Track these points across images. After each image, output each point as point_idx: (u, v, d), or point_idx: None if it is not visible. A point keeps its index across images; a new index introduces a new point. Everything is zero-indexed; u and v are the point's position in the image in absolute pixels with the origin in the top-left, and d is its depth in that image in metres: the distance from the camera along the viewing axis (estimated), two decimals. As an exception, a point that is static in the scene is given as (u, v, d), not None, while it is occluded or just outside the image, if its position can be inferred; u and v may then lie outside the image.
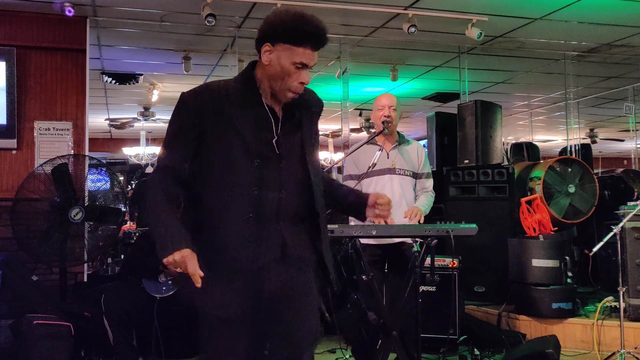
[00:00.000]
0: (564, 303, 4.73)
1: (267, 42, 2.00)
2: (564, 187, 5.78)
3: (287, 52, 1.99)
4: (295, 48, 1.99)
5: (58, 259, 4.73)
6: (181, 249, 1.91)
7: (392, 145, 3.83)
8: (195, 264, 1.90)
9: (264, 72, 2.04)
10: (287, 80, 2.02)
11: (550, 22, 5.86)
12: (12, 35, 5.29)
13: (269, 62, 2.01)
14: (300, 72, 2.02)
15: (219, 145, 2.01)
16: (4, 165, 5.23)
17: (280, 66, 2.00)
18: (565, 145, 8.13)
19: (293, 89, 2.04)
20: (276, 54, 2.00)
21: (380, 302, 3.32)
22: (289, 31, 1.98)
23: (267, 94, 2.07)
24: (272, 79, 2.03)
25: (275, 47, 2.00)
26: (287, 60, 1.99)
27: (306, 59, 2.01)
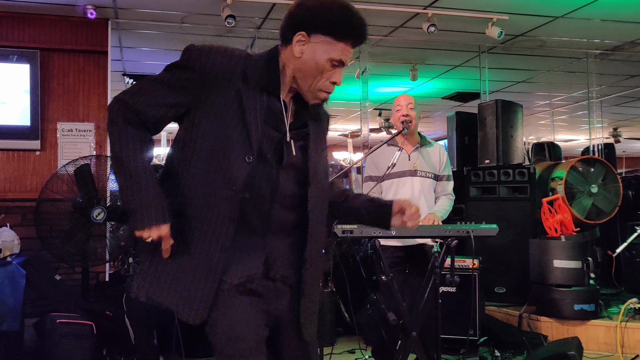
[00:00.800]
0: (587, 304, 4.68)
1: (302, 31, 1.71)
2: (586, 187, 5.71)
3: (325, 46, 1.72)
4: (336, 42, 1.72)
5: (80, 258, 4.79)
6: (160, 224, 1.68)
7: (414, 146, 3.82)
8: (170, 241, 1.70)
9: (292, 64, 1.76)
10: (319, 78, 1.75)
11: (571, 21, 5.79)
12: (36, 38, 5.36)
13: (301, 54, 1.73)
14: (335, 71, 1.76)
15: (217, 125, 1.72)
16: (28, 166, 5.31)
17: (314, 61, 1.73)
18: (588, 144, 8.03)
19: (325, 89, 1.78)
20: (312, 46, 1.72)
21: (399, 302, 3.31)
22: (333, 22, 1.71)
23: (286, 88, 1.80)
24: (301, 74, 1.76)
25: (311, 37, 1.72)
26: (324, 55, 1.72)
27: (345, 55, 1.75)
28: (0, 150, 5.24)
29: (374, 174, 3.82)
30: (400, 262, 3.70)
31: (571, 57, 7.08)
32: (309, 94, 1.79)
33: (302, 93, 1.80)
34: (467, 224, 3.30)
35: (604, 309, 4.88)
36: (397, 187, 3.76)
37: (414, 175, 3.76)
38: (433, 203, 3.82)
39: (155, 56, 7.02)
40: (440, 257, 3.30)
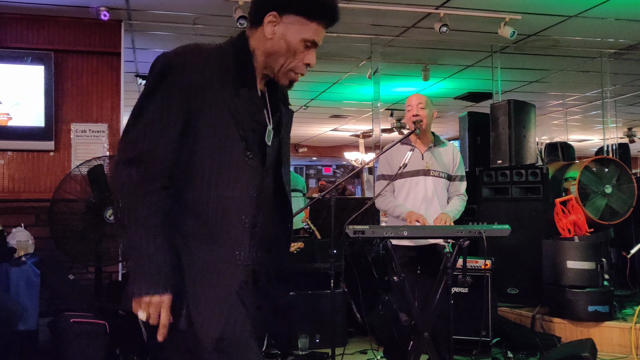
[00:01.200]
0: (601, 306, 4.64)
1: (273, 11, 1.66)
2: (600, 188, 5.67)
3: (298, 27, 1.67)
4: (309, 22, 1.68)
5: (93, 258, 4.83)
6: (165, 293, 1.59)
7: (427, 146, 3.81)
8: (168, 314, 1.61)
9: (262, 46, 1.70)
10: (292, 59, 1.70)
11: (585, 20, 5.75)
12: (50, 40, 5.41)
13: (272, 35, 1.68)
14: (308, 52, 1.71)
15: (213, 133, 1.65)
16: (42, 167, 5.36)
17: (286, 42, 1.68)
18: (602, 144, 7.97)
19: (297, 70, 1.73)
20: (283, 26, 1.67)
21: (411, 303, 3.30)
22: (306, 2, 1.67)
23: (260, 75, 1.75)
24: (272, 56, 1.70)
25: (282, 18, 1.67)
26: (297, 35, 1.68)
27: (318, 36, 1.70)
28: (15, 151, 5.29)
29: (387, 173, 3.81)
30: (412, 263, 3.69)
31: (585, 56, 7.03)
32: (280, 75, 1.74)
33: (274, 74, 1.74)
34: (480, 225, 3.29)
35: (618, 310, 4.84)
36: (409, 187, 3.75)
37: (427, 174, 3.75)
38: (446, 203, 3.80)
39: (168, 57, 7.04)
40: (453, 258, 3.29)
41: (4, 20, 5.31)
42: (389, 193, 3.77)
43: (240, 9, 5.09)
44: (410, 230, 3.29)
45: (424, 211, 3.68)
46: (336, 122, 12.29)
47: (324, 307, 4.80)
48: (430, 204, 3.71)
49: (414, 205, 3.70)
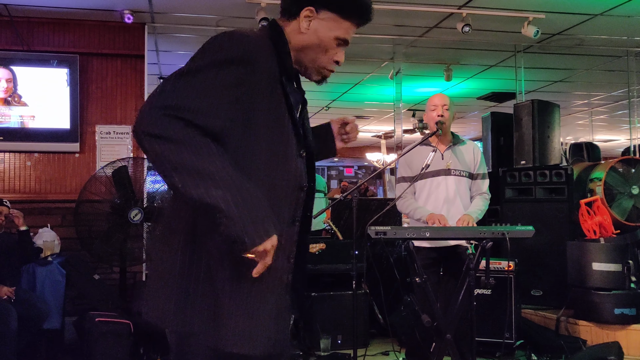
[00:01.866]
0: (627, 308, 4.57)
1: (310, 6, 1.66)
2: (626, 189, 5.58)
3: (332, 24, 1.67)
4: (342, 20, 1.68)
5: (118, 258, 4.89)
6: (274, 234, 1.50)
7: (447, 145, 3.79)
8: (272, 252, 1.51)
9: (294, 40, 1.68)
10: (323, 56, 1.70)
11: (610, 18, 5.67)
12: (75, 43, 5.49)
13: (307, 30, 1.67)
14: (339, 50, 1.72)
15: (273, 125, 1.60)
16: (68, 168, 5.44)
17: (319, 38, 1.67)
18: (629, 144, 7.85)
19: (328, 67, 1.73)
20: (318, 22, 1.67)
21: (434, 304, 3.29)
22: (343, 1, 1.67)
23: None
24: (303, 51, 1.69)
25: (318, 13, 1.66)
26: (330, 32, 1.67)
27: (349, 35, 1.71)
28: (41, 152, 5.38)
29: (407, 175, 3.80)
30: (434, 264, 3.67)
31: (610, 55, 6.93)
32: (312, 71, 1.74)
33: (304, 69, 1.73)
34: (503, 226, 3.26)
35: (645, 313, 4.76)
36: (430, 187, 3.73)
37: (448, 174, 3.73)
38: (468, 202, 3.77)
39: (191, 59, 7.10)
40: (475, 259, 3.27)
41: (31, 25, 5.41)
42: (409, 195, 3.76)
43: (262, 10, 5.11)
44: (432, 231, 3.27)
45: (446, 208, 3.66)
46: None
47: (346, 308, 4.79)
48: (452, 205, 3.69)
49: (435, 206, 3.68)
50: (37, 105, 5.29)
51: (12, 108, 5.25)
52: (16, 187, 5.33)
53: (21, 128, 5.27)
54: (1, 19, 5.33)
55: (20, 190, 5.33)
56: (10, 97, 5.23)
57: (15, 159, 5.36)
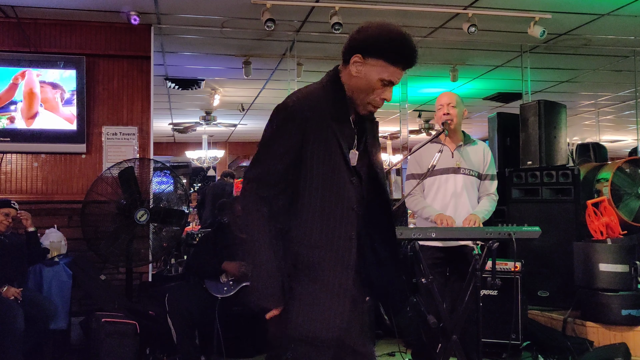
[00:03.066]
0: (635, 310, 4.54)
1: (358, 53, 1.97)
2: (634, 189, 5.56)
3: (378, 68, 1.97)
4: (388, 66, 1.97)
5: (124, 259, 4.90)
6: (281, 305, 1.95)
7: (457, 144, 3.78)
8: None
9: (349, 82, 2.02)
10: (371, 94, 2.01)
11: (617, 18, 5.64)
12: (82, 45, 5.52)
13: (357, 73, 1.99)
14: (385, 89, 2.01)
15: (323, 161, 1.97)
16: (74, 169, 5.46)
17: (367, 80, 1.98)
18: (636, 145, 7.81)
19: (374, 104, 2.04)
20: (366, 67, 1.98)
21: (440, 305, 3.28)
22: (387, 50, 1.96)
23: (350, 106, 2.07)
24: (355, 91, 2.02)
25: (366, 60, 1.97)
26: (376, 75, 1.98)
27: (395, 77, 2.00)
28: (48, 153, 5.40)
29: (416, 172, 3.79)
30: (440, 264, 3.66)
31: (617, 55, 6.90)
32: (360, 107, 2.04)
33: (355, 104, 2.04)
34: (509, 226, 3.25)
35: (652, 314, 4.73)
36: (439, 185, 3.72)
37: (457, 172, 3.72)
38: (476, 202, 3.76)
39: (197, 61, 7.13)
40: (481, 260, 3.25)
41: (38, 26, 5.43)
42: (418, 193, 3.75)
43: (267, 11, 5.12)
44: (438, 231, 3.26)
45: (452, 207, 3.65)
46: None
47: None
48: (459, 199, 3.68)
49: (443, 200, 3.67)
50: (44, 106, 5.31)
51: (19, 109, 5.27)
52: (23, 188, 5.36)
53: (28, 129, 5.29)
54: (9, 21, 5.35)
55: (27, 191, 5.35)
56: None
57: (22, 160, 5.38)
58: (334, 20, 5.16)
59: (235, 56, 6.81)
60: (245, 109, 9.92)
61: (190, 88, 8.06)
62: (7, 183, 5.33)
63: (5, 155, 5.32)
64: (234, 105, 9.63)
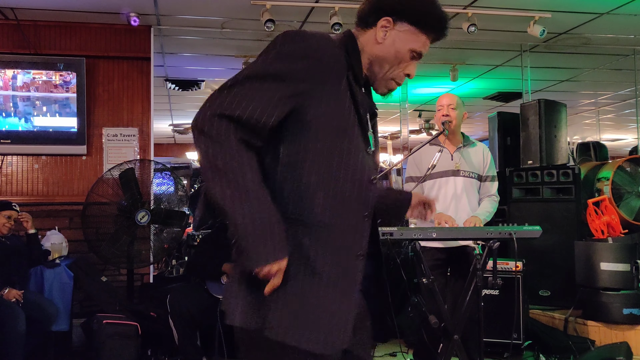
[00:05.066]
0: (636, 309, 4.54)
1: (388, 16, 1.64)
2: (634, 188, 5.55)
3: (409, 36, 1.66)
4: (420, 34, 1.67)
5: (125, 260, 4.90)
6: (281, 258, 1.48)
7: (456, 146, 3.78)
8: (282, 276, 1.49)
9: (369, 49, 1.67)
10: (396, 67, 1.69)
11: (617, 17, 5.64)
12: (82, 46, 5.52)
13: (383, 40, 1.65)
14: (411, 63, 1.70)
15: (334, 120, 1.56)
16: (75, 171, 5.46)
17: (395, 49, 1.65)
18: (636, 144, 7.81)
19: (397, 80, 1.72)
20: (395, 33, 1.65)
21: (441, 305, 3.28)
22: (422, 12, 1.66)
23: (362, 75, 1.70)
24: (378, 61, 1.67)
25: (396, 25, 1.65)
26: (407, 44, 1.66)
27: (425, 48, 1.70)
28: (48, 155, 5.41)
29: (415, 175, 3.79)
30: (441, 265, 3.66)
31: (617, 54, 6.90)
32: (381, 82, 1.72)
33: (373, 80, 1.71)
34: (510, 226, 3.25)
35: (654, 313, 4.74)
36: (439, 187, 3.73)
37: (457, 175, 3.72)
38: (476, 204, 3.76)
39: (197, 61, 7.13)
40: (482, 259, 3.25)
41: (37, 28, 5.43)
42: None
43: (267, 12, 5.12)
44: (439, 232, 3.26)
45: (453, 209, 3.65)
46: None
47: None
48: (459, 202, 3.68)
49: (443, 203, 3.67)
50: (44, 108, 5.32)
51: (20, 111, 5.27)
52: (24, 190, 5.36)
53: (29, 131, 5.29)
54: (8, 23, 5.36)
55: (28, 193, 5.36)
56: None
57: (23, 162, 5.38)
58: (334, 20, 5.17)
59: (235, 57, 6.81)
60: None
61: (191, 89, 8.06)
62: (8, 185, 5.33)
63: (5, 157, 5.33)
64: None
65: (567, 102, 6.38)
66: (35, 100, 5.31)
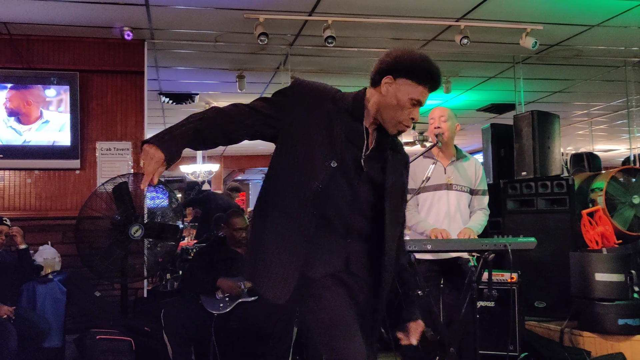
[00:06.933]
0: (631, 319, 4.54)
1: (389, 75, 2.10)
2: (628, 198, 5.57)
3: (407, 87, 2.09)
4: (416, 85, 2.10)
5: (119, 275, 4.87)
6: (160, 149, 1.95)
7: (449, 160, 3.79)
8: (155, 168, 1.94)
9: (378, 100, 2.12)
10: (400, 113, 2.11)
11: (608, 29, 5.69)
12: (76, 60, 5.52)
13: (386, 93, 2.10)
14: (413, 109, 2.12)
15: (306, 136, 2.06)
16: (69, 185, 5.44)
17: (397, 99, 2.09)
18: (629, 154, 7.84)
19: (404, 122, 2.12)
20: (395, 87, 2.09)
21: (436, 317, 3.27)
22: (415, 69, 2.10)
23: (370, 119, 2.14)
24: (385, 109, 2.11)
25: (396, 80, 2.10)
26: (406, 94, 2.09)
27: (422, 97, 2.11)
28: (42, 169, 5.38)
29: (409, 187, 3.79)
30: (435, 277, 3.65)
31: (609, 65, 6.95)
32: (390, 125, 2.13)
33: (384, 123, 2.13)
34: (505, 238, 3.25)
35: (649, 323, 4.73)
36: (432, 202, 3.73)
37: (450, 189, 3.73)
38: (468, 217, 3.77)
39: (190, 75, 7.14)
40: (478, 271, 3.25)
41: (30, 42, 5.43)
42: (412, 207, 3.75)
43: (261, 25, 5.14)
44: (434, 244, 3.26)
45: (447, 227, 3.65)
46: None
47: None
48: (453, 220, 3.68)
49: (436, 220, 3.67)
50: (37, 122, 5.30)
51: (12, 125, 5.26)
52: (16, 204, 5.33)
53: (21, 145, 5.27)
54: (1, 37, 5.35)
55: (21, 208, 5.33)
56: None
57: (15, 177, 5.36)
58: (327, 33, 5.18)
59: (229, 70, 6.83)
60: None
61: (185, 102, 8.06)
62: (0, 200, 5.30)
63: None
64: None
65: (560, 113, 6.41)
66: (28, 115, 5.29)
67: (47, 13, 4.99)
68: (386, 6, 5.02)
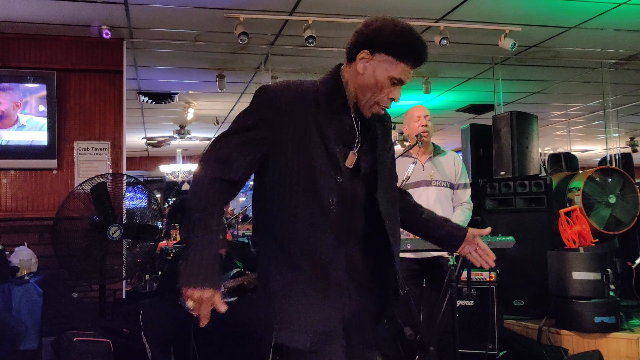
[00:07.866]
0: (607, 317, 4.60)
1: (365, 49, 1.83)
2: (604, 198, 5.65)
3: (387, 65, 1.82)
4: (397, 62, 1.82)
5: (97, 276, 4.82)
6: (205, 288, 1.71)
7: (427, 156, 3.81)
8: (209, 308, 1.73)
9: (354, 80, 1.86)
10: (378, 94, 1.85)
11: (585, 31, 5.76)
12: (53, 59, 5.45)
13: (363, 70, 1.83)
14: (394, 88, 1.86)
15: (301, 153, 1.81)
16: (45, 185, 5.37)
17: (374, 78, 1.83)
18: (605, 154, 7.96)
19: (382, 104, 1.88)
20: (373, 63, 1.83)
21: (416, 317, 3.28)
22: (396, 43, 1.81)
23: (352, 103, 1.90)
24: (361, 90, 1.86)
25: (374, 56, 1.82)
26: (385, 73, 1.82)
27: (405, 75, 1.84)
28: (18, 169, 5.31)
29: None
30: (416, 276, 3.67)
31: (586, 67, 7.04)
32: (365, 107, 1.88)
33: (360, 106, 1.88)
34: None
35: (624, 321, 4.80)
36: (412, 198, 3.73)
37: (429, 185, 3.75)
38: (450, 213, 3.78)
39: (170, 74, 7.09)
40: (457, 271, 3.27)
41: (6, 41, 5.35)
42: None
43: (241, 25, 5.12)
44: (413, 243, 3.27)
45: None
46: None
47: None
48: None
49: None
50: (13, 122, 5.22)
51: (-12, 125, 5.18)
52: (-8, 205, 5.25)
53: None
54: (-24, 35, 5.27)
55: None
56: (-15, 114, 5.16)
57: (-9, 177, 5.28)
58: (308, 33, 5.18)
59: (209, 70, 6.79)
60: (220, 122, 9.88)
61: (164, 102, 8.00)
62: (-24, 200, 5.22)
63: (-27, 172, 5.22)
64: (208, 118, 9.58)
65: (538, 114, 6.48)
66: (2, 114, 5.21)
67: (23, 10, 4.92)
68: (366, 6, 5.03)
